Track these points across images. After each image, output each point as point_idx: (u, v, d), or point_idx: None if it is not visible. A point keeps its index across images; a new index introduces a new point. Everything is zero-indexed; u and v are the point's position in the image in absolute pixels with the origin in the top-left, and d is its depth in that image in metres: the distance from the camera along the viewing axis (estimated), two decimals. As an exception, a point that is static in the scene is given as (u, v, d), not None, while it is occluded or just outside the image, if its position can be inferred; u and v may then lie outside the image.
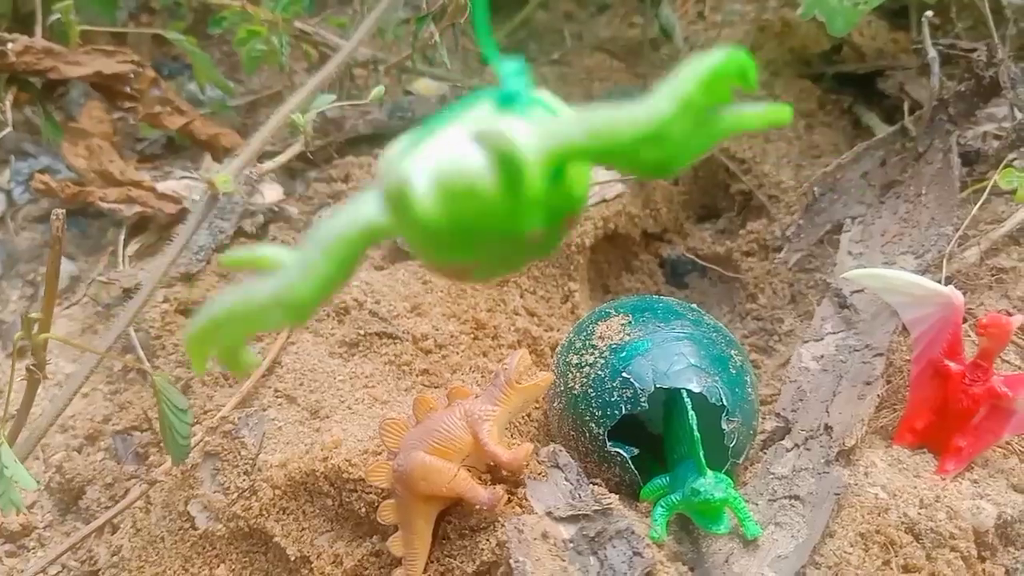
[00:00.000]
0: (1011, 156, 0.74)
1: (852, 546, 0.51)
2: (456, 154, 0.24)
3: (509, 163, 0.23)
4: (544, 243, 0.27)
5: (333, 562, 0.56)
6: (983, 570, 0.51)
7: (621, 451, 0.57)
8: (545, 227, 0.25)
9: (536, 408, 0.65)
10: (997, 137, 0.78)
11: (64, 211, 0.50)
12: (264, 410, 0.64)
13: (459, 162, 0.24)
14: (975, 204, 0.71)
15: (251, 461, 0.60)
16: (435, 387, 0.66)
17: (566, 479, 0.54)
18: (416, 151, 0.25)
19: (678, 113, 0.24)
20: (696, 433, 0.53)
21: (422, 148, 0.25)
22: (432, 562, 0.54)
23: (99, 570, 0.63)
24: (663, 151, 0.24)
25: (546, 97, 0.27)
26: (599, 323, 0.61)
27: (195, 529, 0.60)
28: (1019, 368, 0.62)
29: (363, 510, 0.57)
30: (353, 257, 0.27)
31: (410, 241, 0.26)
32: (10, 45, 0.82)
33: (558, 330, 0.74)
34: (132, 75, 0.87)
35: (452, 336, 0.69)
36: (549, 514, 0.52)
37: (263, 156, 0.73)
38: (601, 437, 0.57)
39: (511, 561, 0.49)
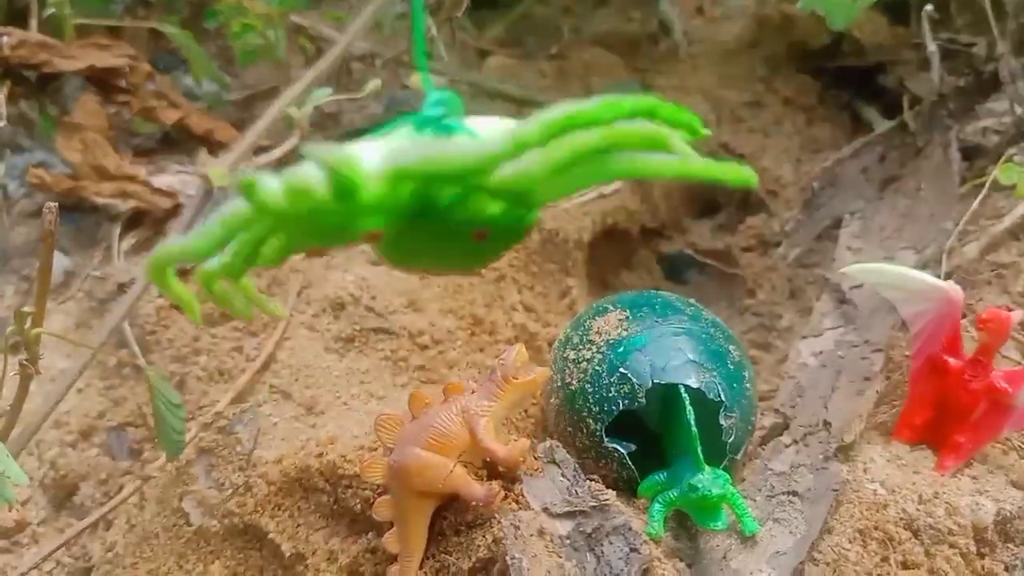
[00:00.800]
0: (1011, 151, 0.73)
1: (850, 542, 0.51)
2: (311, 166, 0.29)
3: (335, 175, 0.28)
4: (477, 251, 0.34)
5: (328, 559, 0.56)
6: (982, 566, 0.51)
7: (619, 447, 0.56)
8: (433, 235, 0.32)
9: (533, 404, 0.65)
10: (997, 132, 0.78)
11: (56, 205, 0.49)
12: (259, 406, 0.64)
13: (306, 170, 0.28)
14: (975, 199, 0.70)
15: (246, 457, 0.60)
16: (431, 383, 0.66)
17: (563, 475, 0.53)
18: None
19: (508, 151, 0.28)
20: (694, 429, 0.52)
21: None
22: (428, 558, 0.53)
23: (93, 566, 0.63)
24: (513, 184, 0.28)
25: (472, 123, 0.32)
26: (596, 318, 0.60)
27: (189, 525, 0.60)
28: (1019, 364, 0.62)
29: (358, 506, 0.56)
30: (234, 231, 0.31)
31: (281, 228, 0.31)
32: (5, 39, 0.81)
33: (555, 326, 0.73)
34: (127, 69, 0.87)
35: (449, 332, 0.69)
36: (546, 510, 0.51)
37: (259, 150, 0.72)
38: (598, 433, 0.56)
39: (507, 558, 0.49)
